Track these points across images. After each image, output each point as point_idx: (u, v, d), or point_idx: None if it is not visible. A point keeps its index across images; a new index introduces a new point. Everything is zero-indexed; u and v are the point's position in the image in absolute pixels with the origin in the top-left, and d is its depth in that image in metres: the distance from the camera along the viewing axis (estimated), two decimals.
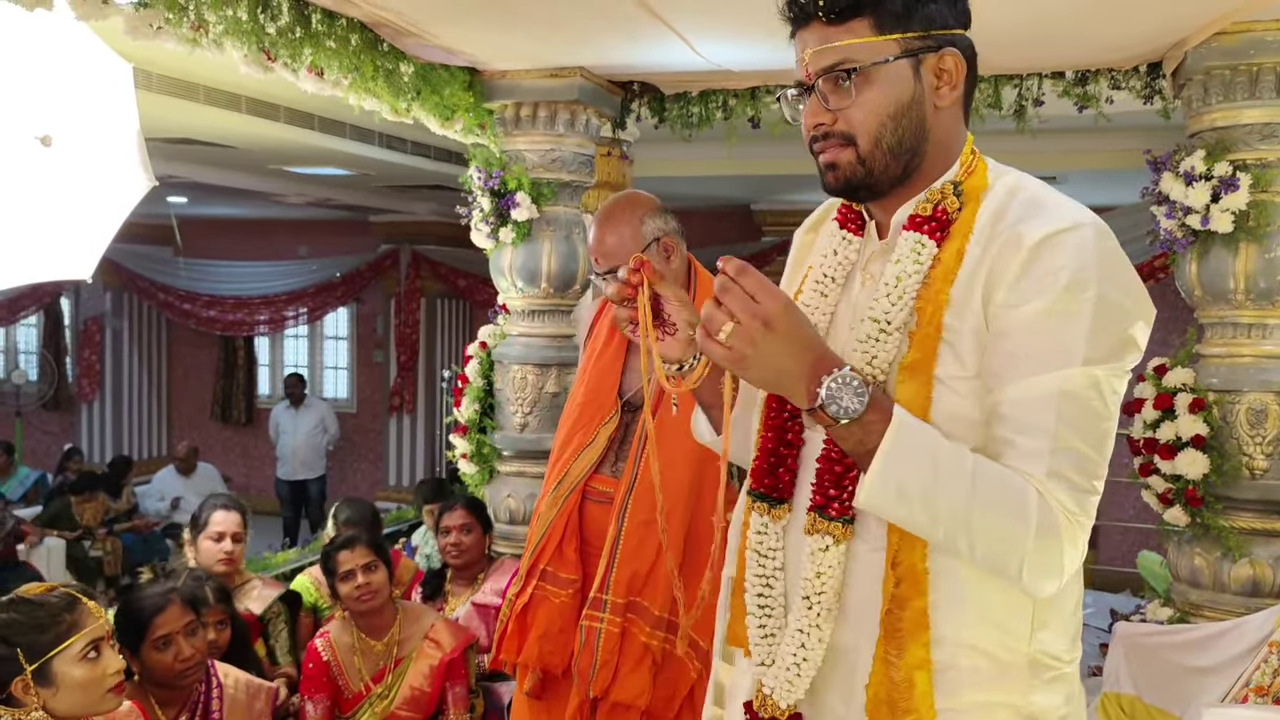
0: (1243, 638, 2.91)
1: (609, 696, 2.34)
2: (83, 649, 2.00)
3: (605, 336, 2.54)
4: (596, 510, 2.46)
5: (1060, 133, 5.11)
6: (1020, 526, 1.15)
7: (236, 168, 6.86)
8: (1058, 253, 1.18)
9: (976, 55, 1.33)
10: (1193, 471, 3.14)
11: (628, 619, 2.36)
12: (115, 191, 2.70)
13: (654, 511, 2.24)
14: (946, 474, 1.15)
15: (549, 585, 2.46)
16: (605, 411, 2.46)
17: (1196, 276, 3.21)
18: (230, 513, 3.41)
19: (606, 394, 2.47)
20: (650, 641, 2.34)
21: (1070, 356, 1.17)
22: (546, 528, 2.46)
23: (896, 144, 1.27)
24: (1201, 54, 3.12)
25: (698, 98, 4.07)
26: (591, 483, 2.47)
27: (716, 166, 6.30)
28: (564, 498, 2.45)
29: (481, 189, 3.88)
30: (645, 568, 2.35)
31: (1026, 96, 3.64)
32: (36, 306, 10.47)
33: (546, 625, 2.44)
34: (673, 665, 2.36)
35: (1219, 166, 3.07)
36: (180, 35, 2.48)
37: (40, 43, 2.44)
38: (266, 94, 4.83)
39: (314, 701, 3.05)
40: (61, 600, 2.04)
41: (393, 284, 10.20)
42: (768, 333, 1.15)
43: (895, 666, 1.23)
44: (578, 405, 2.51)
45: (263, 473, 10.67)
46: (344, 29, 3.03)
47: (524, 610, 2.46)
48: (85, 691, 2.00)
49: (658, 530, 2.26)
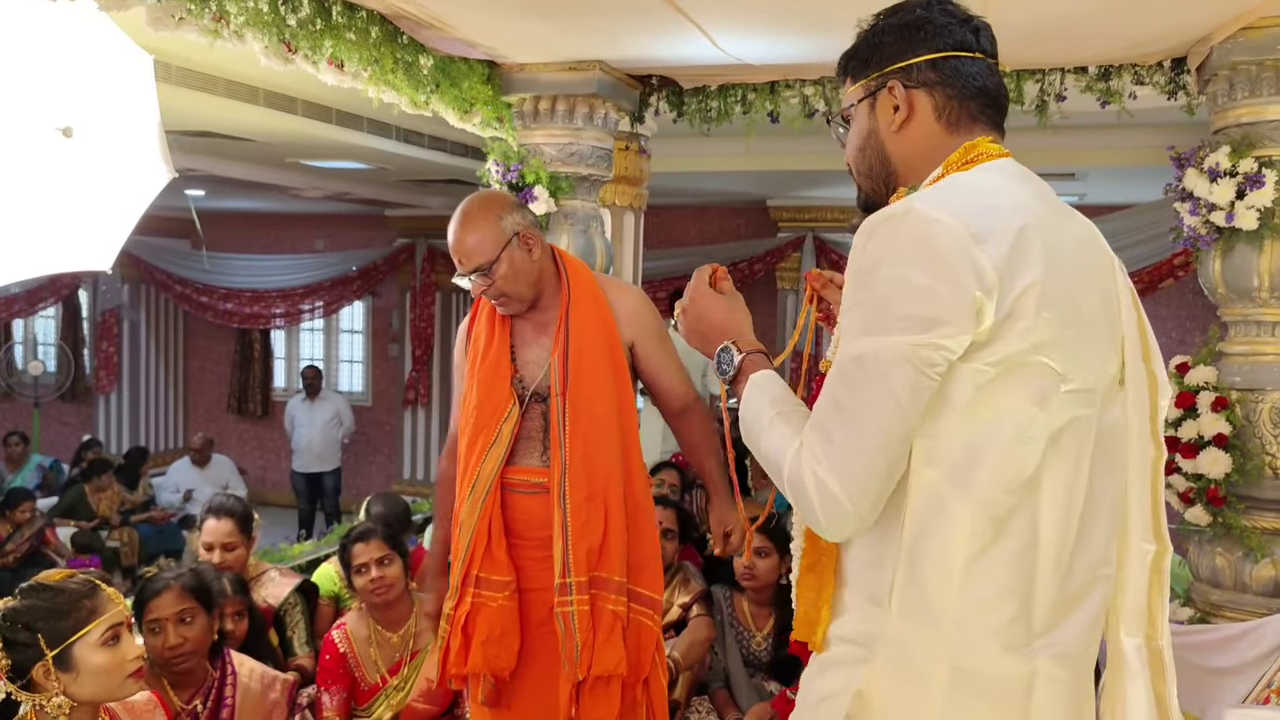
0: (1263, 639, 2.89)
1: (590, 673, 2.39)
2: (102, 635, 2.01)
3: (484, 339, 2.57)
4: (527, 502, 2.48)
5: (1081, 129, 5.08)
6: (777, 473, 1.37)
7: (254, 161, 6.87)
8: (859, 239, 1.34)
9: (969, 68, 1.44)
10: (1215, 471, 3.11)
11: (593, 594, 2.41)
12: (135, 183, 2.70)
13: (593, 489, 2.40)
14: (760, 425, 1.41)
15: (484, 591, 2.46)
16: (503, 407, 2.48)
17: (1220, 274, 3.18)
18: (221, 521, 3.30)
19: (500, 389, 2.50)
20: (616, 609, 2.41)
21: (850, 334, 1.32)
22: (471, 534, 2.46)
23: (867, 170, 1.52)
24: (1227, 49, 3.09)
25: (716, 92, 4.05)
26: (515, 475, 2.48)
27: (733, 162, 6.28)
28: (481, 500, 2.46)
29: (499, 182, 3.87)
30: (597, 541, 2.41)
31: (1049, 92, 3.61)
32: (55, 299, 10.52)
33: (488, 631, 2.45)
34: (635, 627, 2.45)
35: (1244, 163, 3.04)
36: (201, 26, 2.48)
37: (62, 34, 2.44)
38: (285, 87, 4.83)
39: (330, 693, 3.05)
40: (82, 587, 2.05)
41: (408, 278, 10.21)
42: (687, 318, 1.61)
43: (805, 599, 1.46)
44: (473, 408, 2.52)
45: (278, 465, 10.71)
46: (364, 21, 3.03)
47: (465, 620, 2.46)
48: (106, 677, 2.01)
49: (600, 504, 2.40)
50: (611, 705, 2.41)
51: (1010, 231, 1.27)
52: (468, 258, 2.43)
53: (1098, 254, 1.44)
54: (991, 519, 1.29)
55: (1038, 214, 1.33)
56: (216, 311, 10.55)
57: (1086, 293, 1.36)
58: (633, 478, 2.50)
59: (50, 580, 2.07)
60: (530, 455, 2.49)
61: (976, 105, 1.44)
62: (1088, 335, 1.35)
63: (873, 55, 1.47)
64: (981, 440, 1.28)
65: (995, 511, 1.29)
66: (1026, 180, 1.40)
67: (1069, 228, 1.40)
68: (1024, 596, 1.31)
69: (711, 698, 3.32)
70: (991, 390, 1.28)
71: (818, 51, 3.47)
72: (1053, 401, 1.30)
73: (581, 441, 2.42)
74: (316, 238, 10.84)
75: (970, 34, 1.44)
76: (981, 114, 1.44)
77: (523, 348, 2.55)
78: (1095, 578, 1.38)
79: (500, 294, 2.46)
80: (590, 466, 2.41)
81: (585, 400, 2.44)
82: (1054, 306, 1.28)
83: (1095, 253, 1.43)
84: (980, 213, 1.29)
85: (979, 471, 1.28)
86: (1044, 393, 1.29)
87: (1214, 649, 2.97)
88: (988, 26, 1.47)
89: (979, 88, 1.43)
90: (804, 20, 3.11)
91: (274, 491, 10.41)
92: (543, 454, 2.49)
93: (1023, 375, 1.28)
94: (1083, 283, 1.36)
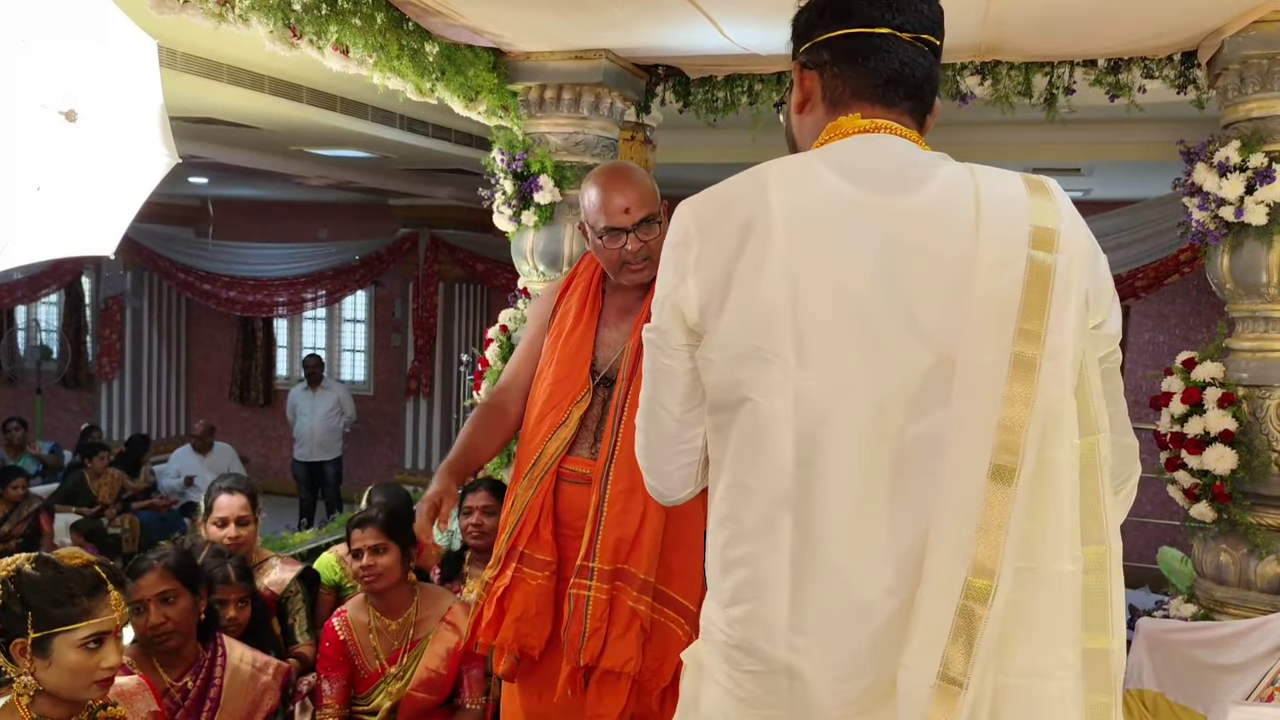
0: (1267, 636, 2.88)
1: (599, 664, 2.35)
2: (85, 637, 2.00)
3: (574, 315, 2.53)
4: (573, 492, 2.45)
5: (1088, 123, 5.05)
6: None
7: (258, 148, 6.86)
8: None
9: (853, 44, 1.35)
10: (1220, 467, 3.10)
11: (615, 586, 2.36)
12: (139, 168, 2.69)
13: (635, 479, 2.23)
14: None
15: (526, 568, 2.45)
16: (578, 390, 2.45)
17: (1228, 269, 3.17)
18: (234, 496, 3.38)
19: (579, 373, 2.46)
20: (638, 607, 2.35)
21: None
22: (523, 510, 2.44)
23: (790, 146, 1.50)
24: (1239, 42, 3.07)
25: (723, 82, 4.03)
26: (567, 464, 2.45)
27: (739, 153, 6.25)
28: (539, 479, 2.44)
29: (504, 171, 3.86)
30: (630, 534, 2.36)
31: (1057, 85, 3.59)
32: (57, 285, 10.52)
33: (524, 608, 2.43)
34: (661, 632, 2.38)
35: (1254, 158, 3.03)
36: (207, 10, 2.47)
37: (66, 18, 2.43)
38: (289, 74, 4.82)
39: (330, 680, 3.05)
40: (87, 581, 2.03)
41: (411, 267, 10.20)
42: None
43: None
44: (548, 386, 2.49)
45: (280, 454, 10.71)
46: (369, 7, 3.01)
47: (503, 593, 2.45)
48: (74, 676, 2.00)
49: (640, 497, 2.31)
50: (618, 700, 2.37)
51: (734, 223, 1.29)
52: (638, 206, 2.38)
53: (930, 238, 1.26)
54: None
55: (799, 204, 1.27)
56: (219, 299, 10.55)
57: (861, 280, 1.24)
58: None
59: (63, 561, 2.05)
60: (582, 446, 2.46)
61: (864, 82, 1.35)
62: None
63: (793, 37, 1.46)
64: None
65: None
66: (850, 157, 1.31)
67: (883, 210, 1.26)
68: None
69: None
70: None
71: None
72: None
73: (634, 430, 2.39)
74: (320, 226, 10.84)
75: (876, 10, 1.35)
76: (869, 91, 1.35)
77: (604, 329, 2.51)
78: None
79: (648, 255, 2.40)
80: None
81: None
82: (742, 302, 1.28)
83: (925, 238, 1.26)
84: (713, 204, 1.34)
85: None
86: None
87: (1218, 646, 2.96)
88: (910, 1, 1.36)
89: (870, 65, 1.35)
90: None
91: (275, 480, 10.42)
92: (593, 445, 2.45)
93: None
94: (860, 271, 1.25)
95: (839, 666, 1.23)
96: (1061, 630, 1.18)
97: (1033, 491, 1.16)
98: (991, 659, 1.15)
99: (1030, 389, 1.16)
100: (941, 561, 1.17)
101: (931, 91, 1.38)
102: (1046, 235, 1.22)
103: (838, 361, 1.23)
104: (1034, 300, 1.19)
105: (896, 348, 1.22)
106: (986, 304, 1.20)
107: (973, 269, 1.21)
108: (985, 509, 1.15)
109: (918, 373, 1.22)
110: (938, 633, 1.15)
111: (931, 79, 1.37)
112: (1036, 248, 1.21)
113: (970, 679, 1.13)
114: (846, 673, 1.23)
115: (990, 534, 1.15)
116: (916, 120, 1.38)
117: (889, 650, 1.21)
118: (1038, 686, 1.17)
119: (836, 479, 1.23)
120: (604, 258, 2.44)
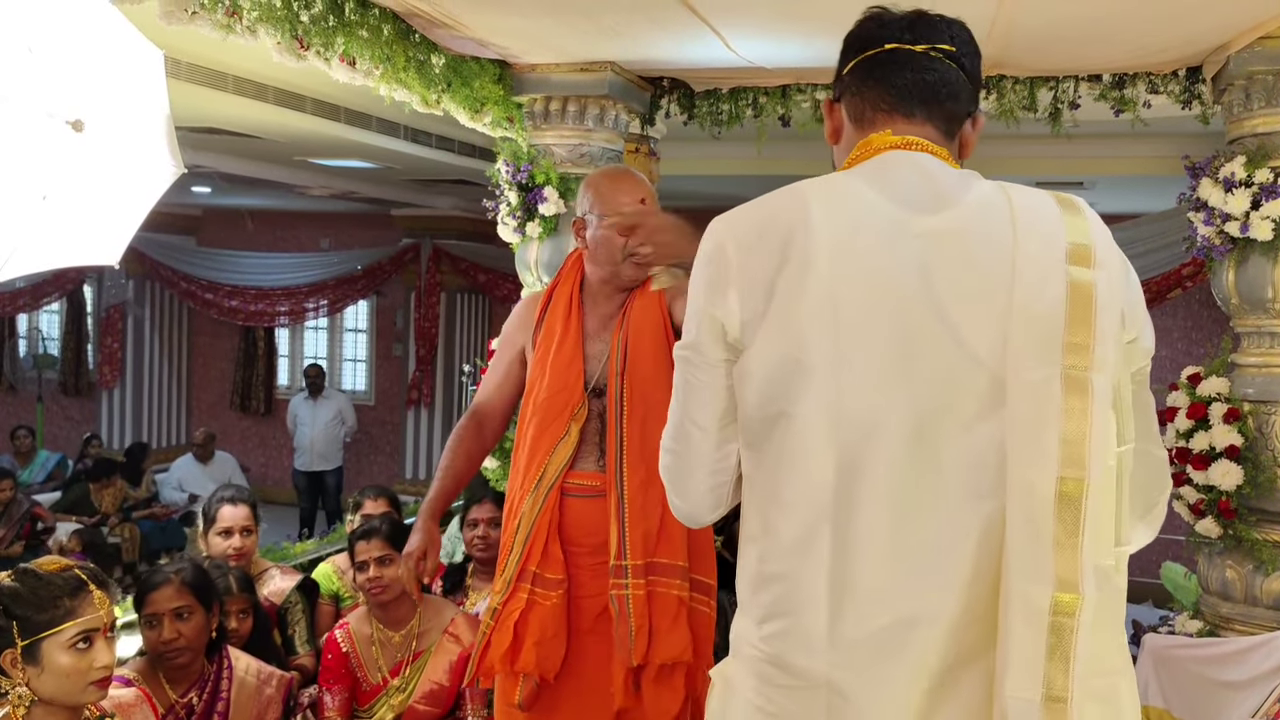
0: (1274, 653, 2.87)
1: (652, 661, 2.33)
2: (73, 637, 1.98)
3: (560, 328, 2.52)
4: (580, 505, 2.44)
5: (1092, 138, 5.06)
6: None
7: (262, 158, 6.87)
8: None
9: (860, 60, 1.41)
10: (1226, 483, 3.09)
11: (650, 580, 2.36)
12: (144, 178, 2.68)
13: (650, 473, 2.28)
14: None
15: (539, 589, 2.42)
16: (574, 403, 2.44)
17: (1234, 284, 3.16)
18: (237, 507, 3.38)
19: (574, 386, 2.45)
20: (680, 595, 2.36)
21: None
22: (531, 527, 2.42)
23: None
24: (1245, 58, 3.07)
25: (728, 95, 4.04)
26: (572, 479, 2.44)
27: (743, 166, 6.26)
28: (545, 494, 2.42)
29: (509, 183, 3.86)
30: (655, 525, 2.36)
31: (1062, 99, 3.59)
32: (59, 293, 10.53)
33: (541, 631, 2.40)
34: (696, 617, 2.40)
35: (1260, 173, 3.02)
36: (215, 21, 2.47)
37: (73, 27, 2.43)
38: (294, 85, 4.82)
39: (332, 693, 3.03)
40: (68, 583, 2.02)
41: (413, 278, 10.21)
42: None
43: None
44: (543, 400, 2.47)
45: (280, 463, 10.70)
46: (376, 19, 3.02)
47: (519, 618, 2.41)
48: (67, 679, 1.98)
49: (657, 488, 2.29)
50: (676, 694, 2.35)
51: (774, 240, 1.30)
52: (640, 186, 2.50)
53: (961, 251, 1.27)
54: None
55: (840, 219, 1.28)
56: (221, 309, 10.56)
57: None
58: None
59: (42, 568, 2.05)
60: (586, 459, 2.45)
61: (880, 94, 1.38)
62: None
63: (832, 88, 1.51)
64: None
65: None
66: (885, 174, 1.32)
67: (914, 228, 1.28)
68: None
69: None
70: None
71: (831, 55, 3.42)
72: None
73: (639, 425, 2.38)
74: (322, 236, 10.85)
75: (877, 28, 1.39)
76: (887, 102, 1.38)
77: (588, 340, 2.52)
78: None
79: (651, 249, 2.48)
80: (648, 451, 2.34)
81: (642, 386, 2.40)
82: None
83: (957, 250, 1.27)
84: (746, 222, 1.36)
85: None
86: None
87: (1224, 662, 2.95)
88: (902, 14, 1.39)
89: (882, 77, 1.38)
90: (818, 23, 3.09)
91: (276, 489, 10.40)
92: (599, 458, 2.44)
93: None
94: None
95: (882, 684, 1.24)
96: (1120, 626, 1.25)
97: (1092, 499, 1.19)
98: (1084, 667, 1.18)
99: (1086, 401, 1.19)
100: (1022, 583, 1.18)
101: (952, 98, 1.37)
102: (1083, 251, 1.24)
103: (879, 375, 1.24)
104: (1078, 315, 1.21)
105: (938, 362, 1.24)
106: (1031, 320, 1.21)
107: (1013, 285, 1.23)
108: (1058, 524, 1.18)
109: (960, 388, 1.23)
110: (1034, 655, 1.17)
111: (949, 85, 1.37)
112: (1074, 264, 1.23)
113: (1072, 693, 1.16)
114: (889, 690, 1.24)
115: (1066, 549, 1.17)
116: (945, 133, 1.38)
117: (933, 665, 1.23)
118: (1115, 684, 1.23)
119: (877, 493, 1.23)
120: (606, 250, 2.44)
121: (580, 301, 2.54)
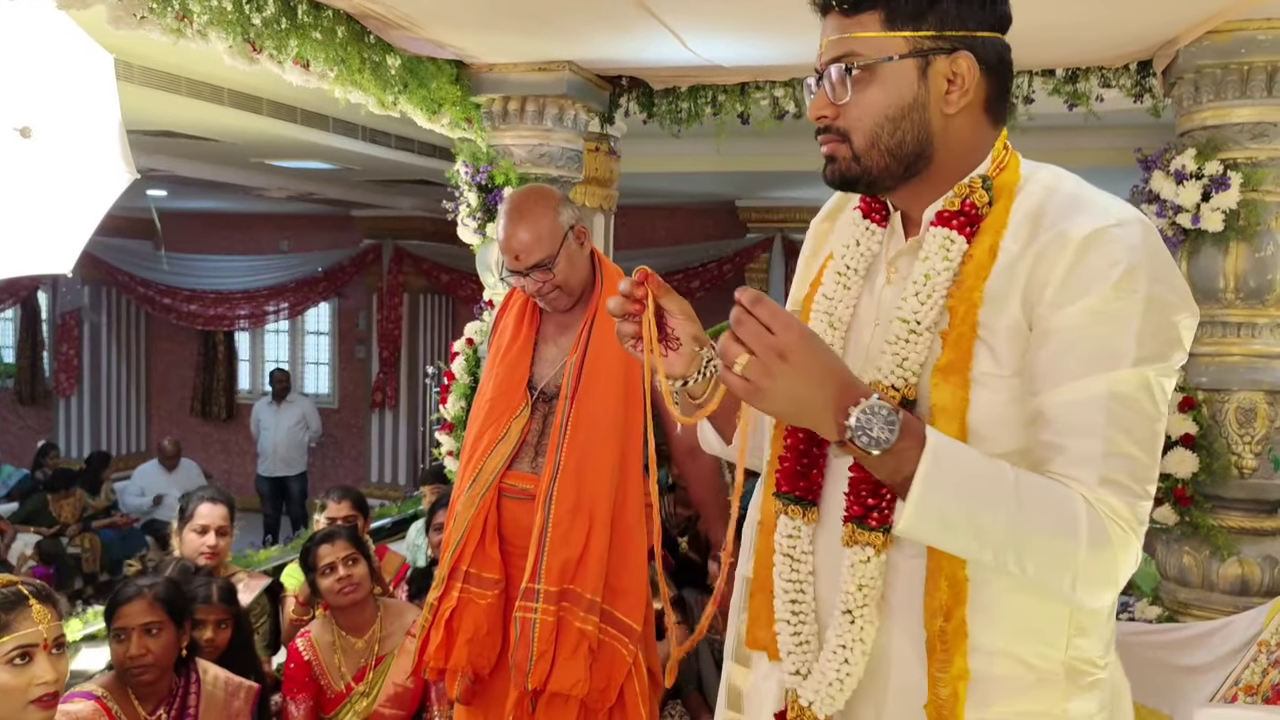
0: (1231, 637, 2.92)
1: (547, 687, 2.32)
2: (7, 653, 1.93)
3: (511, 331, 2.52)
4: (515, 507, 2.43)
5: (1048, 130, 5.11)
6: (1071, 543, 1.10)
7: (218, 161, 6.79)
8: (1105, 249, 1.14)
9: (1010, 56, 1.30)
10: (1182, 470, 3.14)
11: (562, 607, 2.33)
12: (96, 184, 2.65)
13: (580, 499, 2.30)
14: (989, 496, 1.10)
15: (473, 587, 2.42)
16: (516, 404, 2.44)
17: (1186, 275, 3.21)
18: (216, 506, 3.38)
19: (516, 387, 2.45)
20: (585, 627, 2.32)
21: (1120, 357, 1.13)
22: (465, 527, 2.41)
23: (896, 146, 1.23)
24: (1193, 52, 3.12)
25: (687, 93, 4.05)
26: (508, 479, 2.43)
27: (703, 163, 6.27)
28: (480, 495, 2.41)
29: (469, 184, 3.84)
30: (576, 554, 2.33)
31: (1016, 94, 3.63)
32: (14, 300, 10.34)
33: (474, 629, 2.41)
34: (607, 652, 2.36)
35: (1210, 165, 3.07)
36: (164, 25, 2.44)
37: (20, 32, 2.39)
38: (249, 86, 4.77)
39: (296, 702, 3.01)
40: (6, 599, 1.97)
41: (375, 279, 10.13)
42: (784, 365, 1.08)
43: (941, 681, 1.18)
44: (487, 401, 2.48)
45: (243, 469, 10.58)
46: (330, 20, 2.99)
47: (451, 614, 2.42)
48: (5, 696, 1.92)
49: (585, 517, 2.30)
50: None
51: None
52: (527, 253, 2.36)
53: None
54: None
55: None
56: (180, 313, 10.43)
57: None
58: (626, 499, 2.40)
59: None
60: (523, 460, 2.44)
61: (1004, 96, 1.30)
62: None
63: (930, 6, 1.21)
64: None
65: None
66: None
67: None
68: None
69: (685, 701, 3.31)
70: None
71: (788, 53, 3.47)
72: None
73: (579, 449, 2.35)
74: (281, 238, 10.73)
75: (1008, 8, 1.28)
76: (1002, 108, 1.30)
77: (542, 344, 2.50)
78: None
79: (554, 289, 2.41)
80: (583, 476, 2.34)
81: (591, 409, 2.36)
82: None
83: None
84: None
85: None
86: None
87: (1183, 647, 2.99)
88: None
89: (1006, 78, 1.30)
90: (774, 22, 3.10)
91: (239, 495, 10.20)
92: (534, 459, 2.43)
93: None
94: None
95: None
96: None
97: None
98: None
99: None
100: None
101: None
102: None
103: None
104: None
105: None
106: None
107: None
108: None
109: None
110: None
111: None
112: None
113: None
114: None
115: None
116: None
117: None
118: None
119: None
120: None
121: (537, 304, 2.53)
